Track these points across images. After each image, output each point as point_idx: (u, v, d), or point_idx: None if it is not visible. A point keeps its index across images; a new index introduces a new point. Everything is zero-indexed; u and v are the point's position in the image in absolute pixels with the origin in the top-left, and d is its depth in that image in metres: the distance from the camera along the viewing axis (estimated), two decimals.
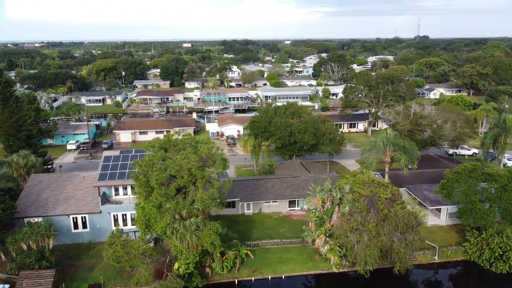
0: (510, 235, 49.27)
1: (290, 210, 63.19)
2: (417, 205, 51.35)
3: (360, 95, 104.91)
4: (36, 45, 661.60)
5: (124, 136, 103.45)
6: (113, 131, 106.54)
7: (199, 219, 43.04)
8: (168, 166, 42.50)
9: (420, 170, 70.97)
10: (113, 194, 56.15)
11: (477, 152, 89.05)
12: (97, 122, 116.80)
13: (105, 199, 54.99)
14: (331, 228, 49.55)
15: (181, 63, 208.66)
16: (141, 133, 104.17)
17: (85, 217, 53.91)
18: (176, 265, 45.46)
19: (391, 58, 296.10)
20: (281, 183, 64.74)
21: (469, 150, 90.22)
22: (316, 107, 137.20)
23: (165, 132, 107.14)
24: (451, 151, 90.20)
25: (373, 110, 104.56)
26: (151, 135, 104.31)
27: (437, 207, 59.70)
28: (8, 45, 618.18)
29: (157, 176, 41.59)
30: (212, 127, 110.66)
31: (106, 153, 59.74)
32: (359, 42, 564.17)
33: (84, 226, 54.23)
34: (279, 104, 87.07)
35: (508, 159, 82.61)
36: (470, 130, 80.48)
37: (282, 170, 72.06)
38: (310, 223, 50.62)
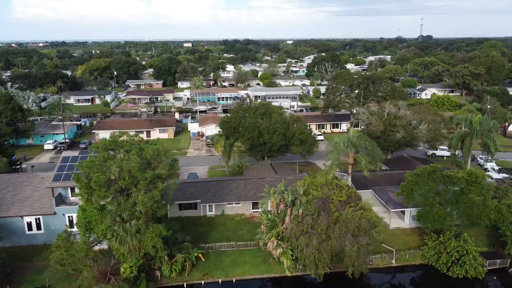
0: (467, 239, 48.21)
1: (254, 211, 62.27)
2: (373, 207, 50.21)
3: (341, 95, 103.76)
4: (40, 44, 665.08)
5: (103, 136, 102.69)
6: (92, 131, 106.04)
7: (141, 222, 42.26)
8: (108, 168, 41.77)
9: (390, 171, 69.89)
10: (70, 195, 55.45)
11: (456, 153, 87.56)
12: (78, 122, 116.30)
13: (61, 200, 54.35)
14: (284, 231, 48.62)
15: (174, 62, 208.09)
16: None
17: (39, 218, 53.29)
18: (122, 268, 44.73)
19: (389, 58, 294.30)
20: (245, 185, 63.86)
21: (449, 151, 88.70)
22: (295, 107, 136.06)
23: (144, 133, 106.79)
24: (430, 152, 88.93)
25: (355, 110, 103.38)
26: None
27: (401, 210, 58.58)
28: (12, 44, 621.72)
29: (96, 177, 40.82)
30: (193, 127, 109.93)
31: (65, 153, 59.10)
32: (361, 41, 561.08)
33: (39, 227, 53.62)
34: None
35: (486, 161, 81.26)
36: (447, 131, 79.20)
37: (251, 171, 71.15)
38: (262, 226, 49.75)
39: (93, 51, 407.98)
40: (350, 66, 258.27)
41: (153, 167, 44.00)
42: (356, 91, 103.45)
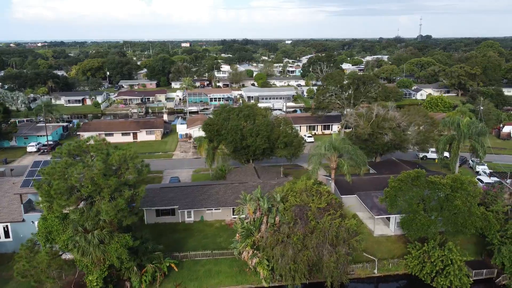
0: (452, 248, 45.96)
1: (234, 218, 59.98)
2: (358, 213, 48.02)
3: (331, 96, 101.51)
4: (39, 44, 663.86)
5: None
6: (78, 133, 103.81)
7: (104, 232, 40.03)
8: (70, 174, 39.59)
9: (378, 175, 67.64)
10: None
11: (448, 156, 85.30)
12: (65, 123, 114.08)
13: (30, 207, 52.15)
14: (259, 240, 46.45)
15: (168, 62, 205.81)
16: (106, 135, 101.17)
17: (7, 226, 51.13)
18: (87, 281, 42.58)
19: (387, 58, 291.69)
20: (226, 190, 61.63)
21: (437, 153, 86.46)
22: (284, 108, 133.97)
23: (131, 134, 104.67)
24: (421, 154, 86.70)
25: (346, 111, 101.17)
26: (117, 137, 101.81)
27: (386, 216, 56.29)
28: (11, 44, 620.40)
29: (56, 185, 38.66)
30: (181, 129, 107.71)
31: (37, 157, 56.85)
32: (360, 41, 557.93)
33: (7, 235, 51.49)
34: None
35: (477, 164, 79.06)
36: (438, 133, 76.90)
37: (234, 175, 68.86)
38: (237, 234, 47.58)
39: (90, 51, 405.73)
40: (347, 66, 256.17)
41: (120, 173, 41.81)
42: (349, 92, 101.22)
